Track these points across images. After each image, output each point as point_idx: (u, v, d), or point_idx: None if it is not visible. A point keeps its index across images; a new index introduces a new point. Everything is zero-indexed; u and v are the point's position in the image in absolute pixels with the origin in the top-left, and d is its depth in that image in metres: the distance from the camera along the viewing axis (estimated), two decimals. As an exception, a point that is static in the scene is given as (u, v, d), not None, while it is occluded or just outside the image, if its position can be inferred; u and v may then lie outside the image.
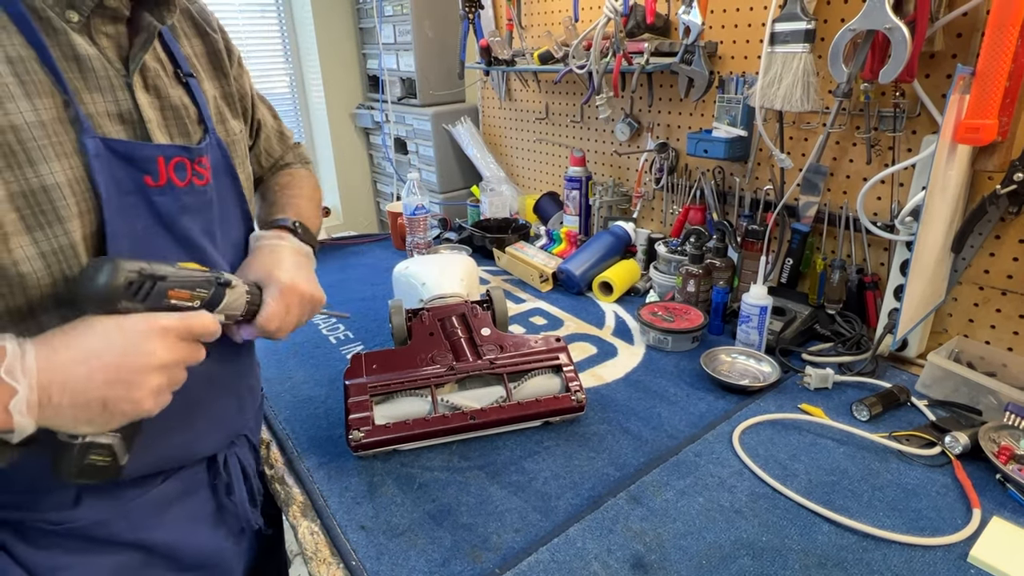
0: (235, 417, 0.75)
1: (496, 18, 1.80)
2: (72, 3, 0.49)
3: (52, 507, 0.59)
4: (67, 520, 0.59)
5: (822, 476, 0.78)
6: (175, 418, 0.63)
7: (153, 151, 0.56)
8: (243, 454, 0.78)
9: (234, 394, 0.74)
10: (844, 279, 1.12)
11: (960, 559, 0.65)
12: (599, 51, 1.36)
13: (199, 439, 0.69)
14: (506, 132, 1.98)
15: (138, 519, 0.63)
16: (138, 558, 0.64)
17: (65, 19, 0.49)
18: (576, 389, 0.87)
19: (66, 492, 0.59)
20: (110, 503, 0.61)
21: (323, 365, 1.09)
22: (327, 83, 2.42)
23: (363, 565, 0.66)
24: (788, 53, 1.03)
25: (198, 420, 0.68)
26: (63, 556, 0.59)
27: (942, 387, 0.93)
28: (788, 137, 1.20)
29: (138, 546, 0.64)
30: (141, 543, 0.64)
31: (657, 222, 1.54)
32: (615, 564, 0.65)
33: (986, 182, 0.96)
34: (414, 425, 0.81)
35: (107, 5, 0.51)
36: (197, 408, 0.67)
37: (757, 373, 1.02)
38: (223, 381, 0.71)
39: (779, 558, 0.65)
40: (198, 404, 0.67)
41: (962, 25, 0.93)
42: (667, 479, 0.78)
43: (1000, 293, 0.98)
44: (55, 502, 0.59)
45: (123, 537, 0.62)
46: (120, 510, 0.62)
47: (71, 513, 0.59)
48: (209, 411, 0.69)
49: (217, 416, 0.71)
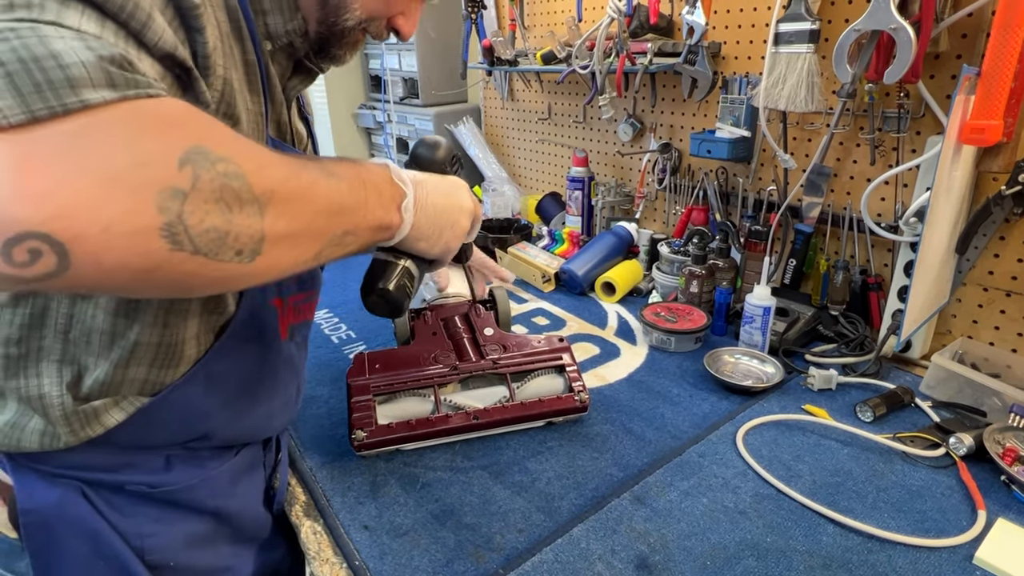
0: (294, 404, 0.78)
1: (499, 18, 1.80)
2: (272, 36, 0.58)
3: (148, 470, 0.62)
4: (162, 483, 0.63)
5: (826, 477, 0.78)
6: (263, 391, 0.69)
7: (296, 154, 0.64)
8: (284, 441, 0.82)
9: (298, 382, 0.78)
10: (847, 280, 1.12)
11: (965, 561, 0.65)
12: (602, 51, 1.36)
13: (274, 416, 0.73)
14: (508, 132, 1.98)
15: (218, 487, 0.67)
16: (211, 526, 0.68)
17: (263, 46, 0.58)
18: (579, 389, 0.87)
19: (158, 456, 0.63)
20: (196, 469, 0.65)
21: (325, 365, 1.09)
22: (329, 83, 2.42)
23: (366, 565, 0.66)
24: (792, 53, 1.03)
25: (277, 398, 0.72)
26: (147, 523, 0.63)
27: (946, 388, 0.93)
28: (792, 138, 1.20)
29: (213, 513, 0.67)
30: (217, 510, 0.68)
31: (660, 223, 1.54)
32: (619, 565, 0.65)
33: (991, 183, 0.95)
34: (417, 425, 0.81)
35: (295, 45, 0.60)
36: (278, 386, 0.72)
37: (760, 374, 1.02)
38: (297, 368, 0.76)
39: (783, 559, 0.65)
40: (278, 383, 0.72)
41: (967, 25, 0.93)
42: (671, 480, 0.78)
43: (1004, 294, 0.98)
44: (151, 466, 0.62)
45: (205, 504, 0.66)
46: (205, 477, 0.66)
47: (164, 476, 0.63)
48: (284, 392, 0.73)
49: (287, 398, 0.75)
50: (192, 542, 0.66)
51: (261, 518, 0.75)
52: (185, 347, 0.59)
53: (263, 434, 0.74)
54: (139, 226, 0.33)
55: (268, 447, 0.78)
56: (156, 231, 0.34)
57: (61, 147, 0.32)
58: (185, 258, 0.36)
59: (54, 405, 0.54)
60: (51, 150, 0.32)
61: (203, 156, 0.36)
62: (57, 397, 0.54)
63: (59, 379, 0.55)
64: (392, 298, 0.62)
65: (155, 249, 0.34)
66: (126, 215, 0.33)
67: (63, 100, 0.32)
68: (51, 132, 0.32)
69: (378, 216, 0.54)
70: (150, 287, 0.37)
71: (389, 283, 0.62)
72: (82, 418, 0.56)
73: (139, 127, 0.35)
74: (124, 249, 0.33)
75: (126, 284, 0.36)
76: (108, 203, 0.32)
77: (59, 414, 0.55)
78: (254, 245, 0.39)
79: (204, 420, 0.63)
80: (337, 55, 0.63)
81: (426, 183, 0.61)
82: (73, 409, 0.55)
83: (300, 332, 0.74)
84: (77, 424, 0.56)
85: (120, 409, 0.57)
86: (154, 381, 0.59)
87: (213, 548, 0.69)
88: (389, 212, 0.56)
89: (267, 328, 0.67)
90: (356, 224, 0.51)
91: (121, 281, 0.35)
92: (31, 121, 0.31)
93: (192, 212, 0.35)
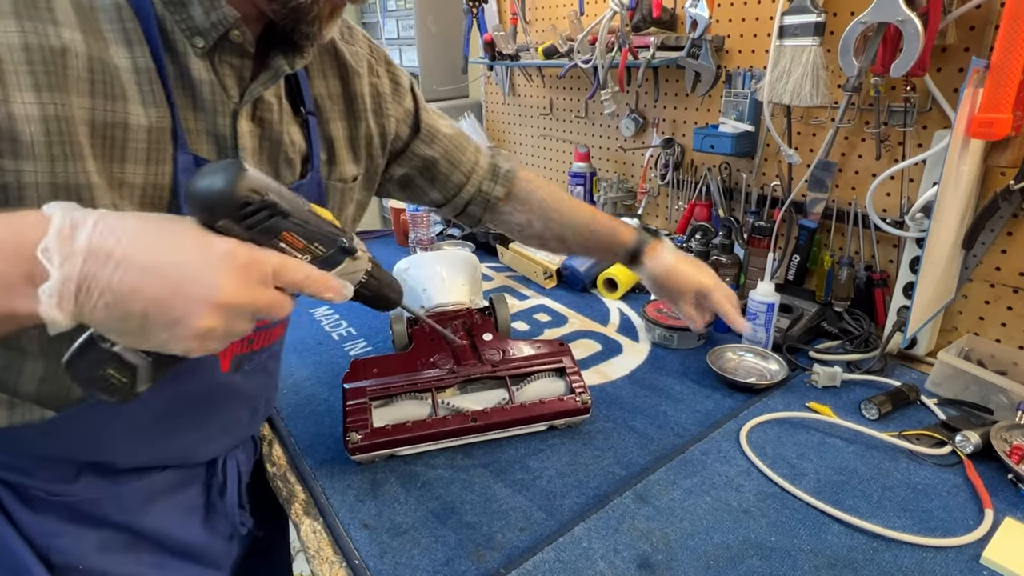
0: (246, 426, 0.75)
1: (500, 12, 1.79)
2: (200, 31, 0.52)
3: (52, 478, 0.60)
4: (63, 493, 0.61)
5: (831, 475, 0.77)
6: (186, 421, 0.64)
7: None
8: (241, 457, 0.78)
9: (251, 406, 0.74)
10: (852, 276, 1.11)
11: (972, 560, 0.64)
12: (604, 45, 1.35)
13: (207, 443, 0.70)
14: (510, 127, 1.97)
15: (128, 503, 0.64)
16: (125, 537, 0.65)
17: (192, 44, 0.53)
18: (580, 391, 0.86)
19: (68, 466, 0.60)
20: (105, 483, 0.62)
21: (326, 362, 1.08)
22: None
23: (366, 564, 0.65)
24: (797, 46, 1.02)
25: (211, 426, 0.68)
26: (57, 523, 0.61)
27: (952, 386, 0.92)
28: (796, 132, 1.19)
29: (125, 527, 0.65)
30: (128, 526, 0.65)
31: (662, 218, 1.52)
32: (621, 564, 0.64)
33: (999, 177, 0.94)
34: (413, 428, 0.80)
35: (232, 40, 0.54)
36: (213, 416, 0.67)
37: (764, 371, 1.01)
38: (245, 394, 0.71)
39: (788, 559, 0.64)
40: (214, 412, 0.67)
41: (975, 18, 0.91)
42: (674, 478, 0.77)
43: (1012, 291, 0.97)
44: (56, 474, 0.60)
45: (112, 518, 0.64)
46: (113, 492, 0.63)
47: (68, 487, 0.61)
48: (224, 420, 0.69)
49: (229, 424, 0.71)
50: (106, 548, 0.63)
51: (194, 537, 0.71)
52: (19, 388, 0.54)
53: (192, 459, 0.70)
54: None
55: (212, 468, 0.73)
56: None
57: None
58: None
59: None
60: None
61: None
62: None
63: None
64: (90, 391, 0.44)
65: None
66: None
67: None
68: None
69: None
70: None
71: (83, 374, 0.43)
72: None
73: None
74: None
75: None
76: None
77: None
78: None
79: (106, 446, 0.60)
80: (309, 32, 0.56)
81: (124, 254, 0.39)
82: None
83: (253, 360, 0.67)
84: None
85: (10, 413, 0.55)
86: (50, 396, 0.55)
87: (134, 555, 0.65)
88: (13, 296, 0.37)
89: (193, 366, 0.53)
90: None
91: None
92: None
93: None
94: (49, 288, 0.37)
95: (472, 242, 1.63)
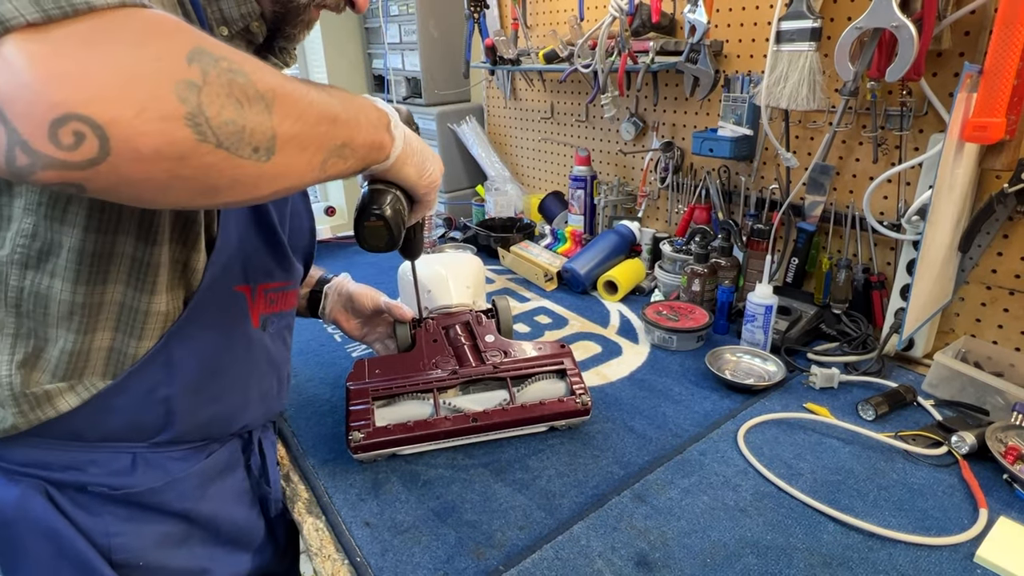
0: (275, 398, 0.78)
1: (501, 17, 1.81)
2: (227, 20, 0.59)
3: (110, 473, 0.62)
4: (125, 485, 0.62)
5: (827, 475, 0.77)
6: (230, 381, 0.68)
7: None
8: (270, 440, 0.81)
9: (278, 375, 0.77)
10: (850, 278, 1.12)
11: (967, 559, 0.65)
12: (604, 50, 1.36)
13: (247, 410, 0.72)
14: (511, 131, 1.98)
15: (185, 490, 0.67)
16: (182, 528, 0.67)
17: (218, 32, 0.59)
18: (581, 392, 0.87)
19: (123, 457, 0.62)
20: (160, 473, 0.64)
21: (328, 363, 1.10)
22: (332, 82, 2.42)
23: (367, 561, 0.66)
24: (794, 51, 1.03)
25: (252, 388, 0.71)
26: (114, 523, 0.62)
27: (949, 387, 0.93)
28: (794, 136, 1.20)
29: (183, 516, 0.67)
30: (187, 513, 0.67)
31: (662, 221, 1.53)
32: (619, 562, 0.65)
33: (994, 181, 0.95)
34: (415, 427, 0.81)
35: (251, 31, 0.61)
36: (252, 376, 0.71)
37: (762, 372, 1.02)
38: (275, 360, 0.75)
39: (784, 557, 0.65)
40: (252, 373, 0.71)
41: (970, 23, 0.92)
42: (672, 478, 0.78)
43: (1008, 293, 0.98)
44: (114, 467, 0.62)
45: (171, 507, 0.66)
46: (169, 480, 0.65)
47: (128, 479, 0.62)
48: (260, 385, 0.73)
49: (264, 392, 0.74)
50: (163, 542, 0.65)
51: (242, 521, 0.73)
52: (148, 317, 0.58)
53: (234, 425, 0.72)
54: (166, 112, 0.37)
55: (249, 448, 0.76)
56: (181, 119, 0.37)
57: (80, 42, 0.35)
58: (210, 150, 0.39)
59: (2, 384, 0.54)
60: (72, 44, 0.35)
61: (205, 55, 0.39)
62: (6, 376, 0.54)
63: (10, 355, 0.54)
64: (389, 220, 0.63)
65: (183, 137, 0.38)
66: (153, 101, 0.36)
67: (71, 2, 0.35)
68: (67, 30, 0.35)
69: (370, 135, 0.56)
70: (180, 183, 0.40)
71: (385, 208, 0.63)
72: (32, 400, 0.55)
73: (143, 29, 0.37)
74: (156, 135, 0.36)
75: (160, 178, 0.39)
76: (135, 90, 0.36)
77: (7, 394, 0.54)
78: (268, 143, 0.43)
79: (164, 406, 0.62)
80: (291, 34, 0.63)
81: (407, 133, 0.63)
82: (22, 390, 0.54)
83: (275, 323, 0.73)
84: (27, 405, 0.55)
85: (75, 394, 0.57)
86: (120, 352, 0.58)
87: (187, 548, 0.68)
88: (379, 132, 0.58)
89: (233, 314, 0.66)
90: (351, 137, 0.53)
91: (156, 173, 0.38)
92: (46, 20, 0.34)
93: (210, 104, 0.38)
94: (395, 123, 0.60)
95: (474, 245, 1.64)
